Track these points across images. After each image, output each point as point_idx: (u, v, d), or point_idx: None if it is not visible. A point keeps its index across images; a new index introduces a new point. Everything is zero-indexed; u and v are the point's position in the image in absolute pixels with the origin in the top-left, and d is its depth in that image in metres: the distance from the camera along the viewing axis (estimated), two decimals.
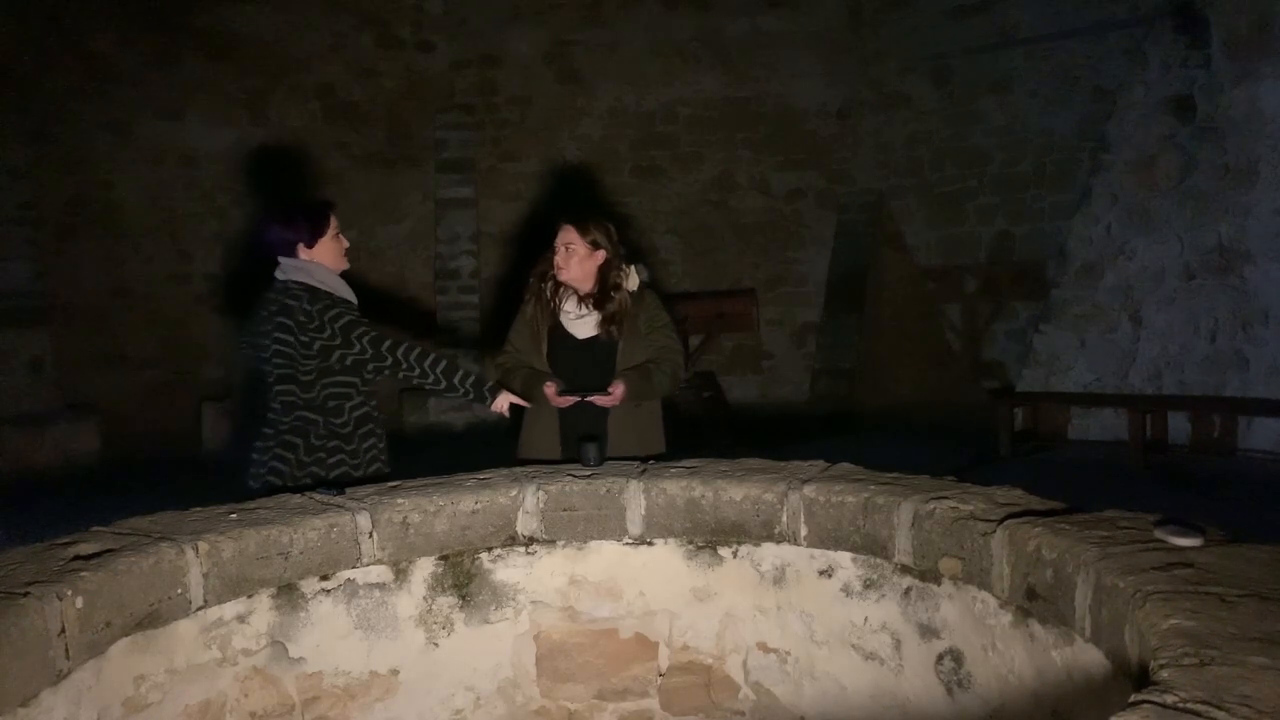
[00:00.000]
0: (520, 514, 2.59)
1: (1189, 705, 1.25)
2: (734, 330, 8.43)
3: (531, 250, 3.85)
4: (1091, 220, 8.04)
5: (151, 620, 2.06)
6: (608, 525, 2.62)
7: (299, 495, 2.56)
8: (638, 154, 10.82)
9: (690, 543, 2.60)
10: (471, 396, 3.38)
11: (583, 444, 2.90)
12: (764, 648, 2.57)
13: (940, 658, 2.26)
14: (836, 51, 10.51)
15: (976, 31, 9.62)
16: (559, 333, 3.52)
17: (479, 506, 2.56)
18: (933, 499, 2.28)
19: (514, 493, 2.59)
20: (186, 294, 10.11)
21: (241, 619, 2.26)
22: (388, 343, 3.25)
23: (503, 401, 3.39)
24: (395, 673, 2.48)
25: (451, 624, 2.54)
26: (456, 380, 3.33)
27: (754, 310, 7.93)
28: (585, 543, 2.62)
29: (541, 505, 2.59)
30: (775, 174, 10.81)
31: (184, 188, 10.07)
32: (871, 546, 2.37)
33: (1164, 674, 1.35)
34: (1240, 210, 7.27)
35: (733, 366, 10.40)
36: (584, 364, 3.45)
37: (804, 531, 2.47)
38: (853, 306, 10.02)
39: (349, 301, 3.27)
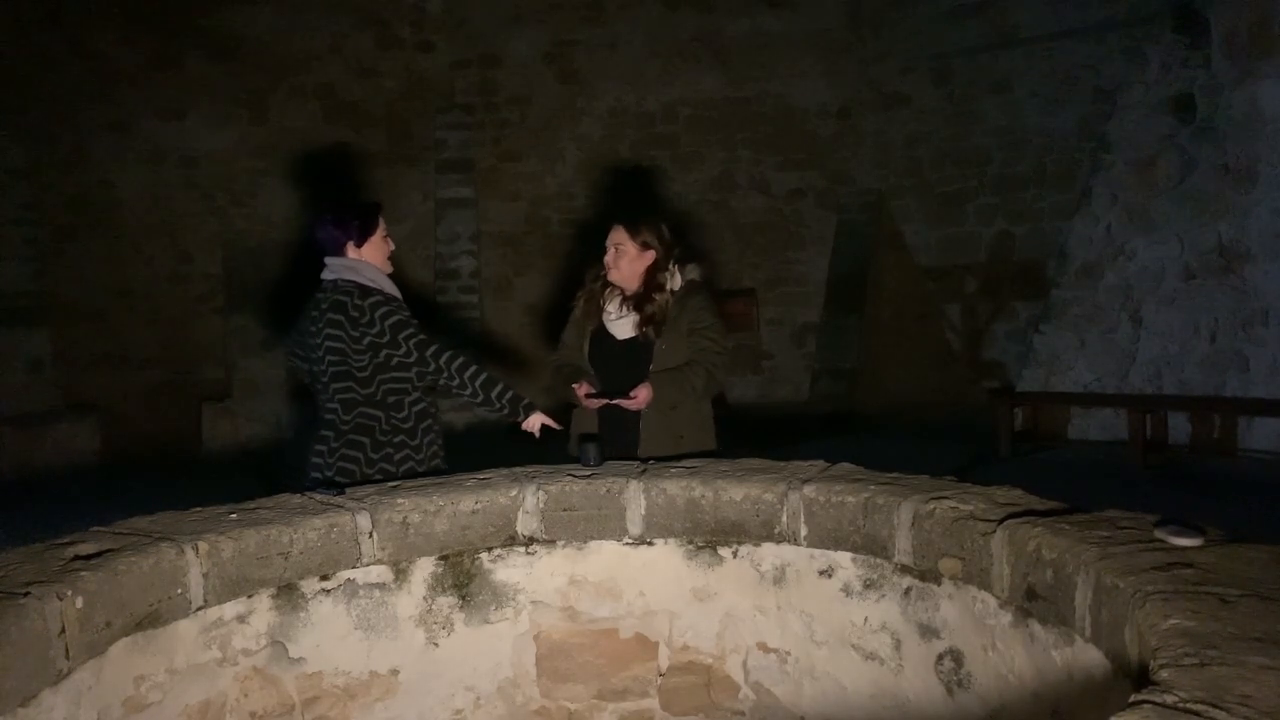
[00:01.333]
0: (520, 514, 2.58)
1: (1189, 705, 1.24)
2: (734, 330, 8.37)
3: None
4: (1091, 220, 8.04)
5: (151, 620, 2.05)
6: (608, 525, 2.61)
7: (299, 495, 2.55)
8: (638, 154, 10.81)
9: (690, 543, 2.60)
10: (506, 412, 3.34)
11: (582, 444, 2.90)
12: (764, 648, 2.57)
13: (940, 658, 2.26)
14: (836, 51, 10.50)
15: (976, 31, 9.63)
16: (601, 333, 3.51)
17: (479, 506, 2.56)
18: (933, 499, 2.27)
19: (514, 493, 2.59)
20: (186, 294, 10.12)
21: (241, 619, 2.25)
22: (433, 348, 3.25)
23: (535, 421, 3.36)
24: (395, 673, 2.47)
25: (451, 624, 2.54)
26: (494, 395, 3.31)
27: (754, 310, 7.93)
28: (585, 543, 2.62)
29: (541, 505, 2.59)
30: (775, 174, 10.80)
31: (184, 188, 10.08)
32: (871, 546, 2.37)
33: (1164, 674, 1.35)
34: (1240, 210, 7.27)
35: (732, 366, 10.38)
36: (623, 365, 3.42)
37: (804, 531, 2.47)
38: (852, 306, 10.01)
39: (398, 299, 3.29)
